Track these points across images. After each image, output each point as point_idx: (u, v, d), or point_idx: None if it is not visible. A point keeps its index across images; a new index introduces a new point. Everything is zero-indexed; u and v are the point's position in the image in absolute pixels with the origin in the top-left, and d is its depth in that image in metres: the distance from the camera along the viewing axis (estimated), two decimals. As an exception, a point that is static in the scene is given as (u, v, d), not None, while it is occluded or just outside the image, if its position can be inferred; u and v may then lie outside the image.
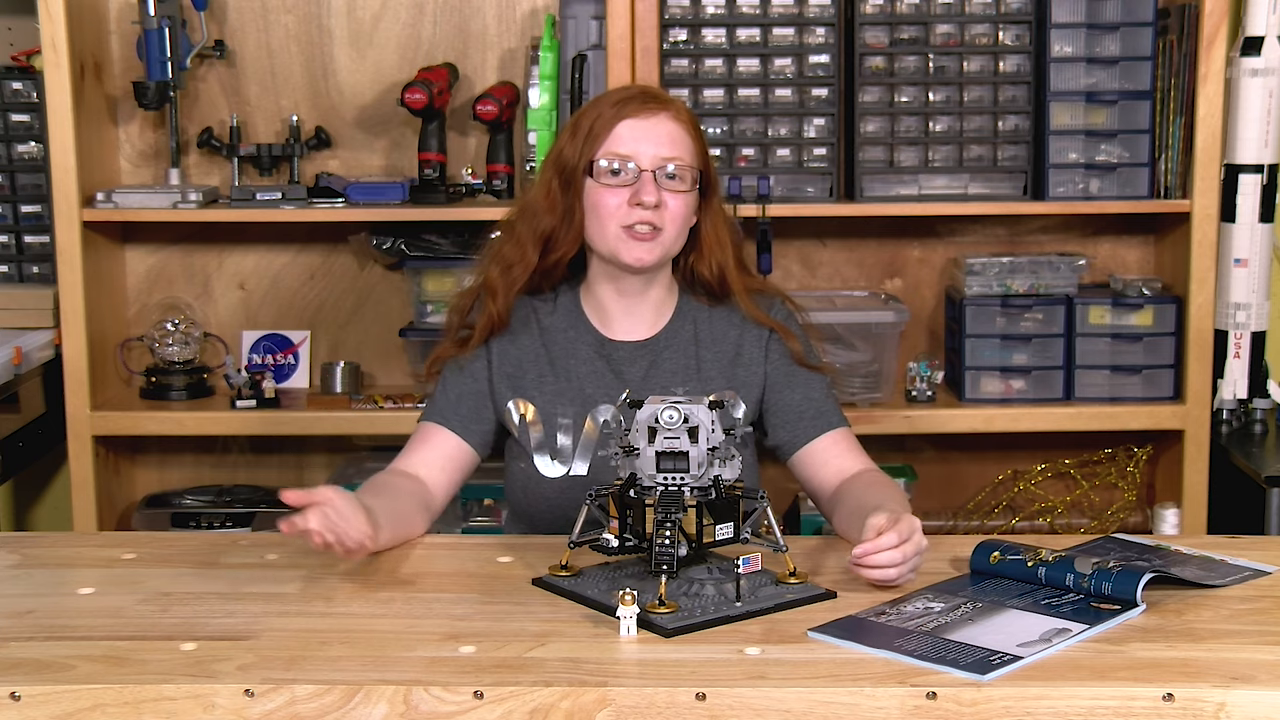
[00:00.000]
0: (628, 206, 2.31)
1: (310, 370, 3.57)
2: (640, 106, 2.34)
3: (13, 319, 3.47)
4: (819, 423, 2.39)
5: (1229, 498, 3.35)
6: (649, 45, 3.25)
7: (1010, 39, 3.32)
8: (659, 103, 2.36)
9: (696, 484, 1.99)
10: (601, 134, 2.33)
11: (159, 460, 3.66)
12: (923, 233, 3.57)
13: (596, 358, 2.40)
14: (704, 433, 1.99)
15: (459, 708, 1.72)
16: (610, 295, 2.41)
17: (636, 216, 2.31)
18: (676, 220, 2.34)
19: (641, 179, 2.31)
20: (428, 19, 3.51)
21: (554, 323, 2.43)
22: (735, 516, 2.01)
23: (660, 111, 2.34)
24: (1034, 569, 2.03)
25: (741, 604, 1.95)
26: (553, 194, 2.37)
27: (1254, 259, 3.37)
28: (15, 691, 1.72)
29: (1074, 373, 3.38)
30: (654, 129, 2.33)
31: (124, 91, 3.47)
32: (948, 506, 3.64)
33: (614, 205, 2.32)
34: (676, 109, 2.36)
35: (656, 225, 2.31)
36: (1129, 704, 1.71)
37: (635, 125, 2.33)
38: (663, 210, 2.32)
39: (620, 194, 2.31)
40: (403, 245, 3.40)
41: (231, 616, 1.95)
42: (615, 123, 2.33)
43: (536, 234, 2.38)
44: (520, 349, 2.42)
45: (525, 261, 2.39)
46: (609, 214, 2.32)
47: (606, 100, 2.38)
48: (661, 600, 1.93)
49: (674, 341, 2.41)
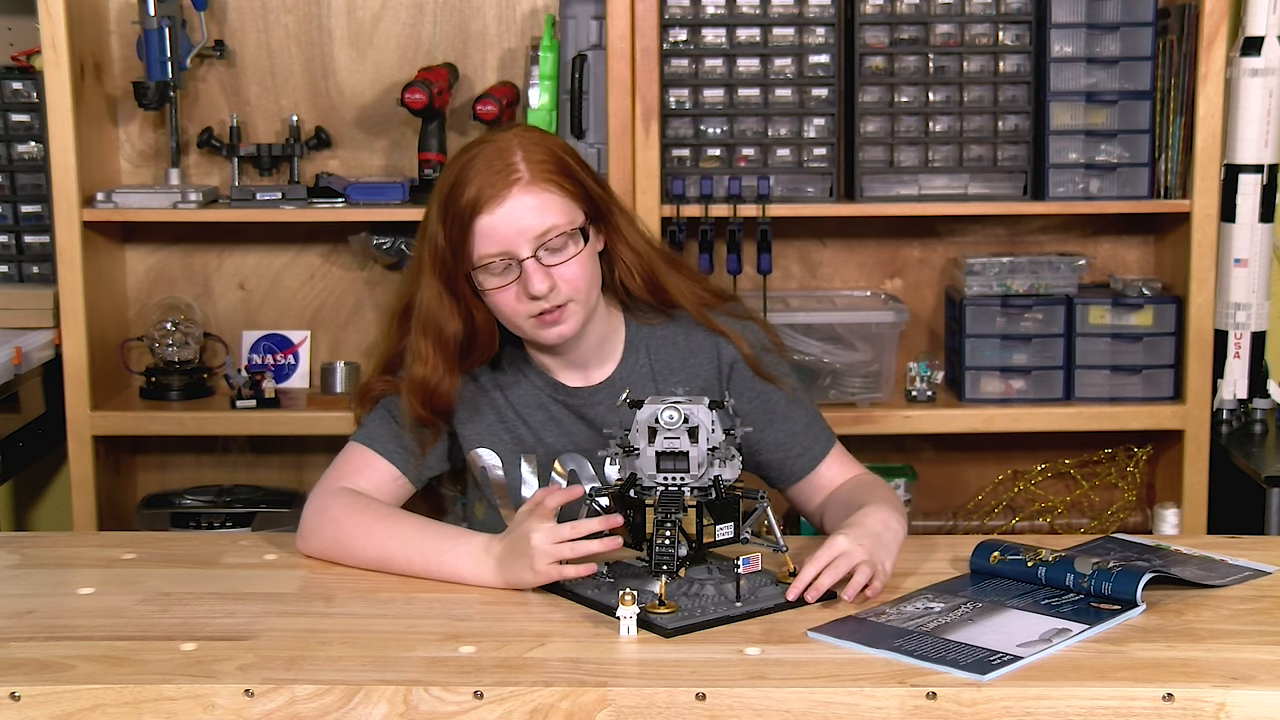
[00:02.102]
0: (523, 301, 2.17)
1: (310, 370, 3.58)
2: (491, 194, 2.15)
3: (13, 319, 3.47)
4: (806, 458, 2.32)
5: (1229, 498, 3.35)
6: (649, 45, 3.25)
7: (1010, 39, 3.32)
8: (505, 180, 2.15)
9: (696, 484, 1.99)
10: (465, 237, 2.16)
11: (159, 460, 3.66)
12: (923, 233, 3.57)
13: (553, 403, 2.30)
14: (704, 433, 1.99)
15: (459, 708, 1.72)
16: (546, 357, 2.30)
17: (537, 307, 2.16)
18: (579, 287, 2.19)
19: (525, 268, 2.15)
20: (428, 19, 3.51)
21: (504, 379, 2.31)
22: (735, 516, 2.01)
23: (510, 189, 2.15)
24: (1034, 569, 2.03)
25: (741, 604, 1.95)
26: (446, 303, 2.21)
27: (1254, 259, 3.37)
28: (15, 691, 1.72)
29: (1074, 373, 3.38)
30: (511, 212, 2.15)
31: (124, 91, 3.47)
32: (948, 506, 3.64)
33: (510, 303, 2.18)
34: (528, 170, 2.16)
35: (559, 303, 2.17)
36: (1129, 704, 1.71)
37: (494, 218, 2.14)
38: (560, 287, 2.16)
39: (510, 290, 2.17)
40: (403, 245, 3.40)
41: (231, 616, 1.95)
42: (473, 222, 2.15)
43: (449, 346, 2.23)
44: (474, 406, 2.31)
45: (447, 377, 2.23)
46: (509, 312, 2.19)
47: (458, 187, 2.17)
48: (661, 600, 1.93)
49: (630, 378, 2.30)
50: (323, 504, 2.22)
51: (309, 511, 2.23)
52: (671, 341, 2.33)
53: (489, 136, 2.25)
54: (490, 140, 2.22)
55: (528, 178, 2.17)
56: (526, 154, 2.18)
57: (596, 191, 2.25)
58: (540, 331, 2.21)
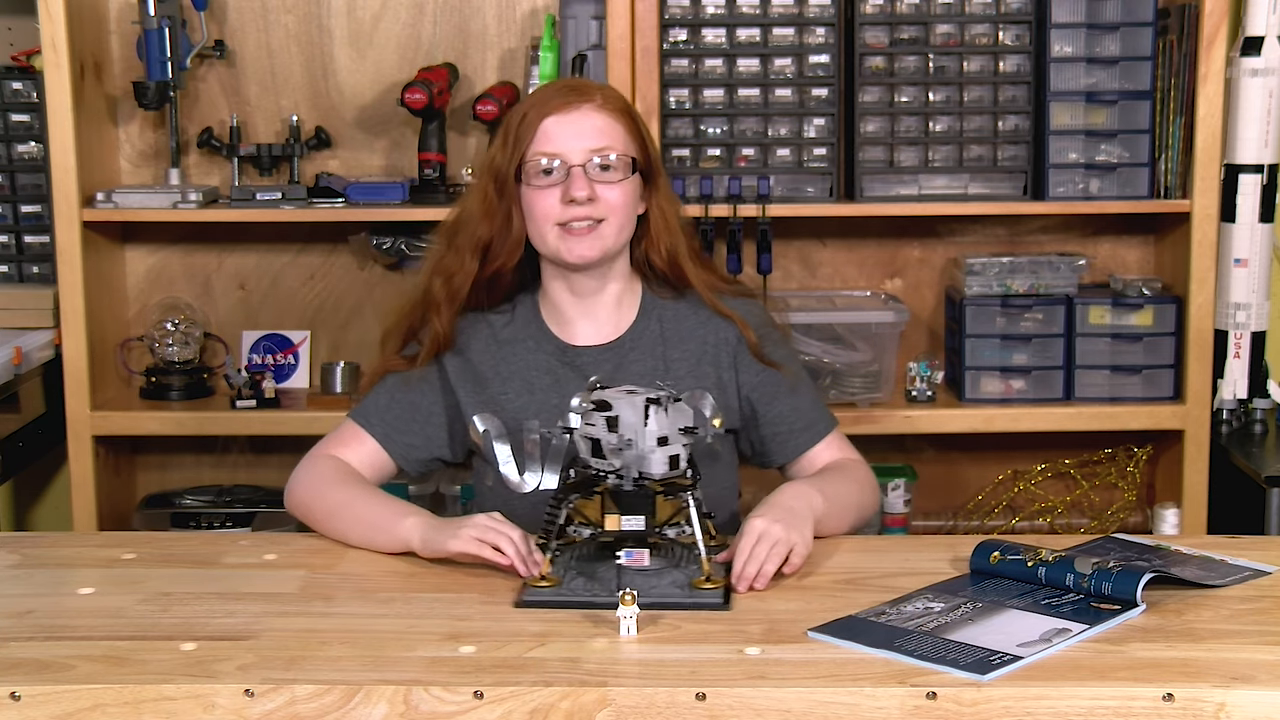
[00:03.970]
0: (561, 205, 2.27)
1: (310, 370, 3.58)
2: (562, 101, 2.29)
3: (13, 319, 3.47)
4: (808, 435, 2.39)
5: (1229, 498, 3.35)
6: (649, 45, 3.25)
7: (1010, 39, 3.32)
8: (581, 94, 2.31)
9: (610, 471, 2.00)
10: (527, 135, 2.29)
11: (159, 460, 3.66)
12: (923, 233, 3.57)
13: (559, 365, 2.35)
14: (627, 423, 1.98)
15: (459, 708, 1.72)
16: (566, 298, 2.37)
17: (571, 213, 2.27)
18: (616, 211, 2.30)
19: (571, 175, 2.27)
20: (428, 19, 3.51)
21: (512, 334, 2.38)
22: (647, 510, 1.99)
23: (583, 103, 2.30)
24: (1034, 569, 2.03)
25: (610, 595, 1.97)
26: (489, 200, 2.33)
27: (1254, 259, 3.37)
28: (15, 691, 1.72)
29: (1074, 373, 3.38)
30: (578, 122, 2.29)
31: (124, 91, 3.47)
32: (948, 506, 3.64)
33: (548, 205, 2.28)
34: (603, 98, 2.32)
35: (594, 218, 2.28)
36: (1129, 704, 1.71)
37: (559, 121, 2.28)
38: (599, 203, 2.28)
39: (553, 193, 2.28)
40: (403, 245, 3.40)
41: (231, 616, 1.95)
42: (539, 122, 2.29)
43: (475, 243, 2.34)
44: (478, 365, 2.37)
45: (465, 271, 2.35)
46: (544, 214, 2.29)
47: (531, 100, 2.35)
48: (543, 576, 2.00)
49: (640, 342, 2.37)
50: (306, 468, 2.35)
51: (295, 473, 2.36)
52: (684, 315, 2.40)
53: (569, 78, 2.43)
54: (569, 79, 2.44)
55: (600, 102, 2.32)
56: (604, 91, 2.35)
57: (653, 152, 2.37)
58: (565, 243, 2.29)
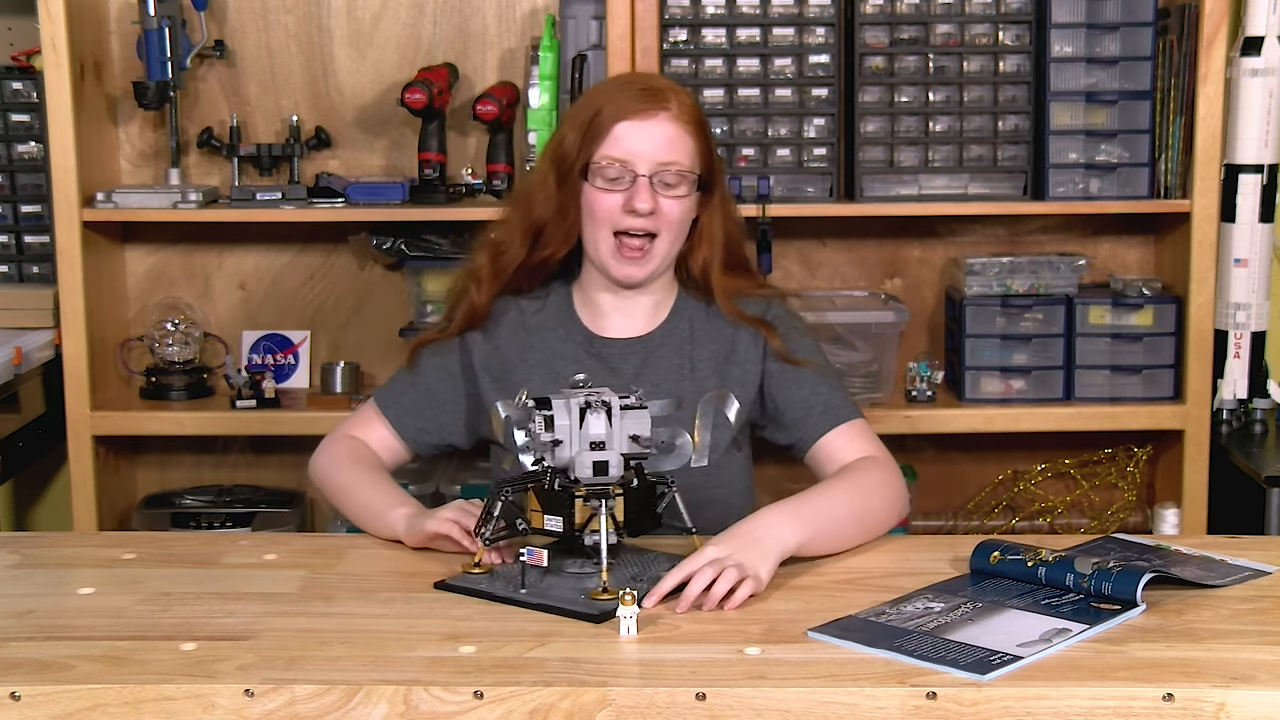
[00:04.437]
0: (622, 211, 2.28)
1: (310, 370, 3.58)
2: (640, 107, 2.29)
3: (13, 319, 3.47)
4: (827, 418, 2.35)
5: (1229, 498, 3.35)
6: (649, 45, 3.25)
7: (1010, 39, 3.32)
8: (658, 101, 2.30)
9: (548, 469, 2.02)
10: (599, 135, 2.29)
11: (159, 460, 3.66)
12: (923, 233, 3.57)
13: (587, 356, 2.38)
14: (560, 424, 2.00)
15: (459, 708, 1.72)
16: (604, 295, 2.39)
17: (629, 223, 2.28)
18: (672, 226, 2.31)
19: (637, 184, 2.27)
20: (428, 19, 3.51)
21: (541, 321, 2.41)
22: (564, 512, 2.01)
23: (659, 112, 2.29)
24: (1034, 569, 2.03)
25: (527, 592, 1.99)
26: (549, 186, 2.34)
27: (1254, 259, 3.37)
28: (15, 691, 1.72)
29: (1074, 373, 3.38)
30: (652, 131, 2.29)
31: (124, 91, 3.47)
32: (948, 506, 3.64)
33: (608, 209, 2.29)
34: (678, 106, 2.31)
35: (651, 231, 2.29)
36: (1129, 704, 1.71)
37: (633, 128, 2.28)
38: (658, 216, 2.29)
39: (615, 198, 2.29)
40: (403, 245, 3.40)
41: (231, 616, 1.95)
42: (613, 124, 2.28)
43: (528, 224, 2.36)
44: (505, 350, 2.39)
45: (514, 251, 2.37)
46: (603, 216, 2.30)
47: (607, 93, 2.34)
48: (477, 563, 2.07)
49: (669, 340, 2.39)
50: (327, 446, 2.43)
51: (319, 448, 2.44)
52: (715, 316, 2.41)
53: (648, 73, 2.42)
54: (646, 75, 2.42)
55: (675, 113, 2.30)
56: (678, 99, 2.33)
57: (717, 162, 2.37)
58: (616, 262, 2.31)
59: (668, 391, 2.33)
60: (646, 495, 2.06)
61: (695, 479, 2.30)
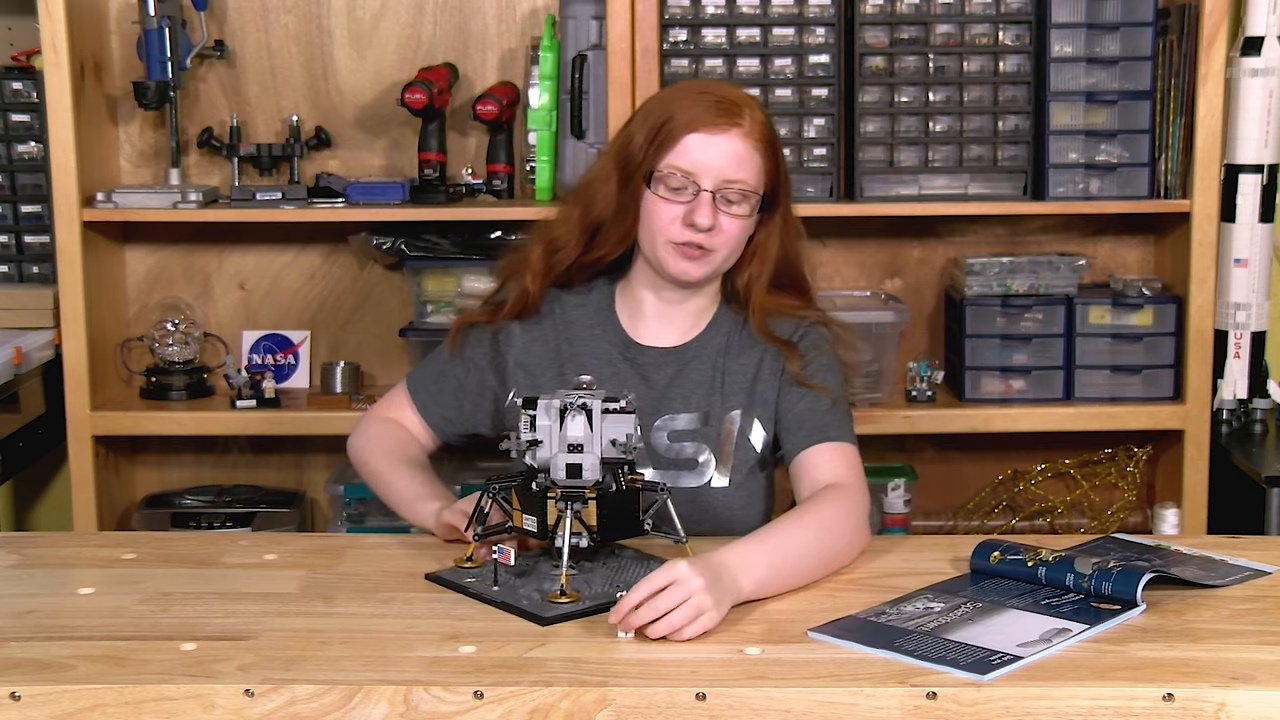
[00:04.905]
0: (681, 224, 2.25)
1: (310, 370, 3.57)
2: (712, 121, 2.24)
3: (13, 319, 3.47)
4: (816, 434, 2.28)
5: (1229, 498, 3.35)
6: (649, 45, 3.25)
7: (1010, 39, 3.32)
8: (731, 117, 2.25)
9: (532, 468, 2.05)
10: (668, 142, 2.25)
11: (159, 460, 3.66)
12: (923, 233, 3.57)
13: (620, 360, 2.35)
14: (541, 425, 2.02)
15: (459, 708, 1.72)
16: (649, 298, 2.36)
17: (688, 236, 2.25)
18: (730, 243, 2.28)
19: (700, 199, 2.24)
20: (428, 19, 3.51)
21: (581, 318, 2.38)
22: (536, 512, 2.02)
23: (732, 128, 2.25)
24: (1034, 569, 2.03)
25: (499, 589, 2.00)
26: (611, 187, 2.31)
27: (1254, 259, 3.37)
28: (15, 691, 1.72)
29: (1074, 373, 3.38)
30: (722, 146, 2.24)
31: (124, 91, 3.47)
32: (948, 506, 3.64)
33: (667, 220, 2.25)
34: (750, 123, 2.26)
35: (708, 246, 2.26)
36: (1129, 704, 1.71)
37: (703, 141, 2.24)
38: (716, 233, 2.25)
39: (676, 209, 2.25)
40: (403, 245, 3.40)
41: (231, 616, 1.95)
42: (683, 134, 2.24)
43: (587, 221, 2.33)
44: (541, 344, 2.38)
45: (569, 249, 2.35)
46: (661, 227, 2.26)
47: (681, 100, 2.28)
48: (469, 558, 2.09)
49: (704, 351, 2.36)
50: (364, 428, 2.47)
51: (356, 428, 2.48)
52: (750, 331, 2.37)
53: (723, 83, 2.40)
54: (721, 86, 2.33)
55: (747, 129, 2.26)
56: (753, 115, 2.28)
57: (783, 182, 2.34)
58: (674, 259, 2.28)
59: (697, 404, 2.32)
60: (624, 501, 2.04)
61: (716, 499, 2.30)
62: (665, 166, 2.25)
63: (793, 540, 2.06)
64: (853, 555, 2.15)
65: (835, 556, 2.11)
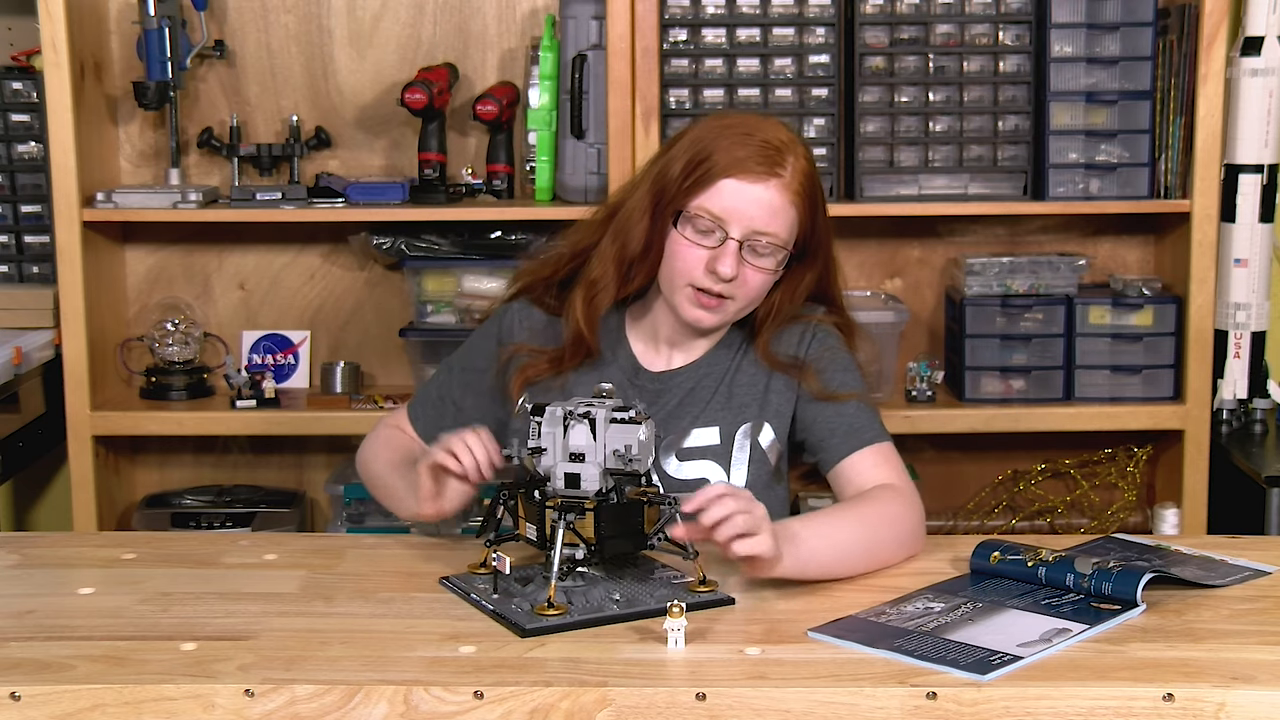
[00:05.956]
0: (703, 269, 2.18)
1: (310, 370, 3.58)
2: (753, 168, 2.17)
3: (13, 319, 3.47)
4: (850, 440, 2.24)
5: (1229, 498, 3.35)
6: (649, 45, 3.25)
7: (1010, 39, 3.32)
8: (773, 167, 2.18)
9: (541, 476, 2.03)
10: (703, 183, 2.17)
11: (159, 460, 3.66)
12: (923, 233, 3.57)
13: (630, 385, 2.30)
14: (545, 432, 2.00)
15: (459, 708, 1.72)
16: (666, 326, 2.30)
17: (708, 283, 2.18)
18: (750, 294, 2.21)
19: (725, 246, 2.17)
20: (428, 19, 3.51)
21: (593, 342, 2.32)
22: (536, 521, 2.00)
23: (771, 178, 2.17)
24: (1034, 569, 2.03)
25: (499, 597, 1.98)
26: (646, 220, 2.22)
27: (1254, 259, 3.37)
28: (15, 691, 1.72)
29: (1074, 373, 3.38)
30: (759, 196, 2.17)
31: (124, 91, 3.47)
32: (948, 506, 3.64)
33: (689, 263, 2.19)
34: (792, 173, 2.19)
35: (725, 296, 2.20)
36: (1129, 704, 1.71)
37: (740, 188, 2.17)
38: (739, 284, 2.19)
39: (699, 253, 2.18)
40: (403, 245, 3.40)
41: (231, 616, 1.95)
42: (721, 176, 2.17)
43: (624, 258, 2.24)
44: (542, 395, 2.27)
45: (609, 289, 2.26)
46: (682, 269, 2.20)
47: (725, 140, 2.19)
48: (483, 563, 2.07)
49: (713, 369, 2.31)
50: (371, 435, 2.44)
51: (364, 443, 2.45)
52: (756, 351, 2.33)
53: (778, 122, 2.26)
54: (772, 123, 2.24)
55: (787, 180, 2.19)
56: (796, 163, 2.20)
57: (819, 234, 2.26)
58: (689, 305, 2.22)
59: (706, 421, 2.29)
60: (627, 513, 2.01)
61: None
62: (696, 207, 2.18)
63: (839, 530, 2.07)
64: (903, 556, 2.14)
65: (879, 555, 2.10)
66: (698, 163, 2.19)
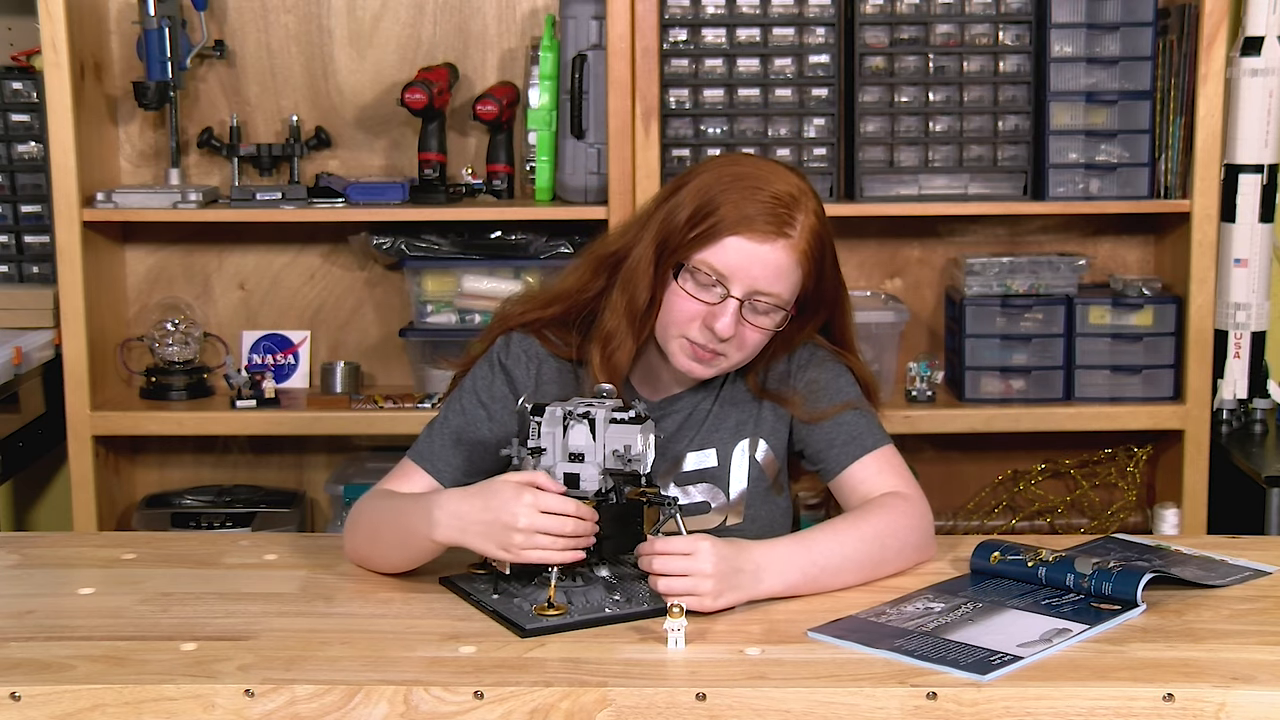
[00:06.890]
0: (700, 324, 2.11)
1: (310, 370, 3.57)
2: (760, 228, 2.09)
3: (13, 319, 3.47)
4: (851, 448, 2.20)
5: (1229, 498, 3.35)
6: (649, 45, 3.25)
7: (1010, 39, 3.32)
8: (781, 227, 2.10)
9: None
10: (708, 238, 2.10)
11: (159, 460, 3.66)
12: (923, 233, 3.57)
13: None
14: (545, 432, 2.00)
15: (459, 708, 1.72)
16: (660, 362, 2.24)
17: (703, 338, 2.12)
18: (745, 350, 2.15)
19: (725, 304, 2.10)
20: (428, 19, 3.51)
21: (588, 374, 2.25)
22: None
23: (779, 239, 2.09)
24: (1034, 569, 2.03)
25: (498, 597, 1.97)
26: (651, 272, 2.15)
27: (1254, 259, 3.37)
28: (15, 691, 1.72)
29: (1074, 373, 3.38)
30: (765, 257, 2.09)
31: (124, 91, 3.47)
32: (948, 506, 3.64)
33: (686, 317, 2.12)
34: (799, 232, 2.11)
35: (720, 352, 2.14)
36: (1129, 704, 1.71)
37: (745, 246, 2.09)
38: (735, 342, 2.13)
39: (697, 308, 2.11)
40: (403, 245, 3.40)
41: (231, 616, 1.95)
42: (727, 233, 2.09)
43: (635, 310, 2.16)
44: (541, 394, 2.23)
45: (626, 345, 2.17)
46: (678, 321, 2.13)
47: (734, 194, 2.11)
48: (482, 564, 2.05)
49: (708, 395, 2.26)
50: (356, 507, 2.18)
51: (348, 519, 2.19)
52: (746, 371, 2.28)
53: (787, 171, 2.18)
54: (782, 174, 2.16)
55: (795, 240, 2.12)
56: (805, 220, 2.13)
57: (827, 289, 2.20)
58: (683, 356, 2.15)
59: (701, 443, 2.25)
60: (626, 514, 2.01)
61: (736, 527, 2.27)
62: (699, 262, 2.11)
63: (838, 547, 2.05)
64: (909, 564, 2.12)
65: (883, 566, 2.09)
66: (704, 215, 2.12)
